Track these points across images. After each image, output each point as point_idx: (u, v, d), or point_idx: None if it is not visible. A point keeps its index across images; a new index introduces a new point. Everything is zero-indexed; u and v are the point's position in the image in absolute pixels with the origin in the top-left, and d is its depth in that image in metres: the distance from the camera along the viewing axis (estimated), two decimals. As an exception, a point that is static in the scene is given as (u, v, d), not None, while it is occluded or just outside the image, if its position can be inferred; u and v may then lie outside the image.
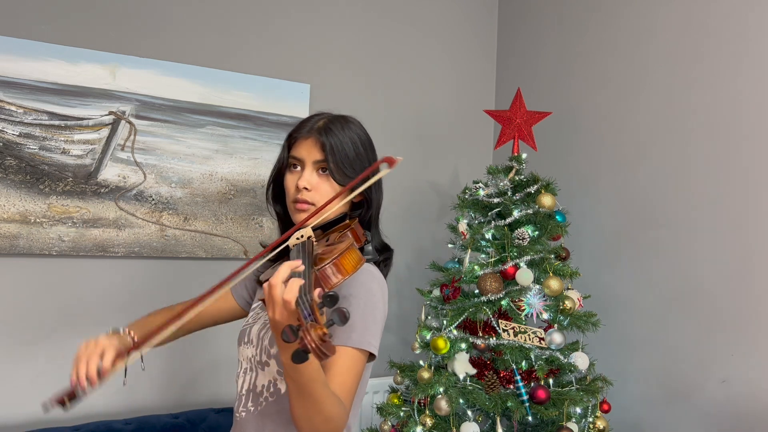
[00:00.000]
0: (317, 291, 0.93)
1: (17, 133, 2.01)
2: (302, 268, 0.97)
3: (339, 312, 0.86)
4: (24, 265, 2.05)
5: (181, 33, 2.30)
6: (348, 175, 1.22)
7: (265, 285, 0.96)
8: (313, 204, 1.22)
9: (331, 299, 0.88)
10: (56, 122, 2.06)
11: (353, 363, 1.11)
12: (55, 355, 2.08)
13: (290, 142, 1.27)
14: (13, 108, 2.00)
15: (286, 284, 0.94)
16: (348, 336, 1.12)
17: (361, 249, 1.23)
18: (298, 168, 1.25)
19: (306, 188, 1.21)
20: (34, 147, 2.04)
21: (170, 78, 2.24)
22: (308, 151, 1.23)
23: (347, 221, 1.24)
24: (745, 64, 2.00)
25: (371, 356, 1.17)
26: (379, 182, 1.29)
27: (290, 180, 1.25)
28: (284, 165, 1.28)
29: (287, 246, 1.14)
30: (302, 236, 1.13)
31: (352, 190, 1.22)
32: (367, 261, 1.23)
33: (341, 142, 1.22)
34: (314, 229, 1.20)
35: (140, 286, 2.23)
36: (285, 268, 0.96)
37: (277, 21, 2.49)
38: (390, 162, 1.15)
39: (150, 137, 2.21)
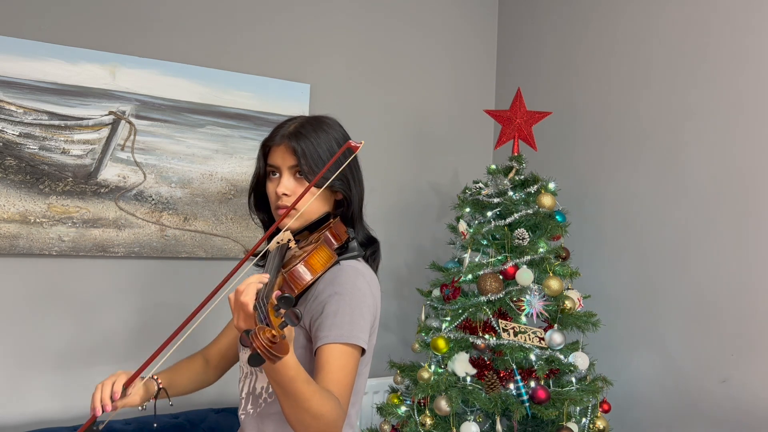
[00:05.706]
0: (275, 294, 0.95)
1: (17, 133, 2.01)
2: (266, 279, 1.01)
3: (291, 313, 0.88)
4: (24, 265, 2.05)
5: (181, 33, 2.30)
6: (323, 176, 1.22)
7: (230, 295, 1.01)
8: (295, 209, 1.23)
9: (285, 301, 0.88)
10: (56, 122, 2.06)
11: (345, 359, 1.13)
12: (55, 354, 2.08)
13: (265, 151, 1.30)
14: (13, 108, 2.00)
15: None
16: (336, 333, 1.13)
17: (345, 246, 1.24)
18: (277, 175, 1.27)
19: (285, 194, 1.24)
20: (34, 147, 2.04)
21: (170, 78, 2.24)
22: (282, 158, 1.25)
23: (330, 221, 1.26)
24: (747, 63, 2.00)
25: (363, 352, 1.19)
26: (357, 177, 1.30)
27: (270, 188, 1.28)
28: (262, 174, 1.31)
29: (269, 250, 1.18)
30: (281, 240, 1.16)
31: (320, 185, 1.20)
32: (353, 257, 1.25)
33: (313, 145, 1.23)
34: (300, 231, 1.23)
35: (140, 286, 2.23)
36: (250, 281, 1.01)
37: (277, 21, 2.49)
38: (353, 148, 1.17)
39: (150, 137, 2.21)
